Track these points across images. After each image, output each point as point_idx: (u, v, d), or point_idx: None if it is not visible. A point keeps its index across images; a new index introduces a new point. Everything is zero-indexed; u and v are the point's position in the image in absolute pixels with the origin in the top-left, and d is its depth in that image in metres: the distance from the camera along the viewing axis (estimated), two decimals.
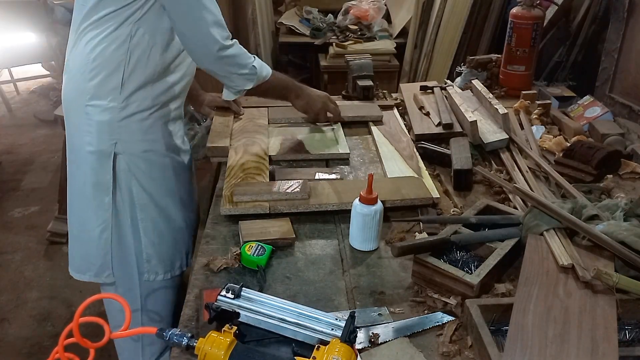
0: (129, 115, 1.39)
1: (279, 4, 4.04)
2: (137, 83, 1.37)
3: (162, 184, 1.49)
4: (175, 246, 1.55)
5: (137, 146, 1.43)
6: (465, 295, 1.02)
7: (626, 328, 0.94)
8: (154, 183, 1.47)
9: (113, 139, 1.39)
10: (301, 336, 0.84)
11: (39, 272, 2.74)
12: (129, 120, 1.39)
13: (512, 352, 0.85)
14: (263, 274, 1.12)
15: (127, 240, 1.47)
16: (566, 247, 1.06)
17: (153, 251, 1.49)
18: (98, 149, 1.40)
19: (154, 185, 1.47)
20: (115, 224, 1.45)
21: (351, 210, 1.20)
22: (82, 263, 1.51)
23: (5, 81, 4.87)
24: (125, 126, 1.40)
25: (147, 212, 1.47)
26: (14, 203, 3.36)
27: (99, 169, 1.41)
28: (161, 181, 1.49)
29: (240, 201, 1.32)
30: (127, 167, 1.42)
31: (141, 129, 1.42)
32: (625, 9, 1.99)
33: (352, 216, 1.20)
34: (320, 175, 1.50)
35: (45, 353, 2.19)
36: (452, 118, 1.76)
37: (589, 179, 1.46)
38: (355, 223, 1.20)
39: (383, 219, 1.21)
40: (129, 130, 1.40)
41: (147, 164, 1.45)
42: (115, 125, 1.38)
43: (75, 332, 0.82)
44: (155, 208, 1.48)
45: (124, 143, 1.40)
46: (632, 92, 1.98)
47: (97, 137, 1.39)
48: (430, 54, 3.10)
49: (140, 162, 1.44)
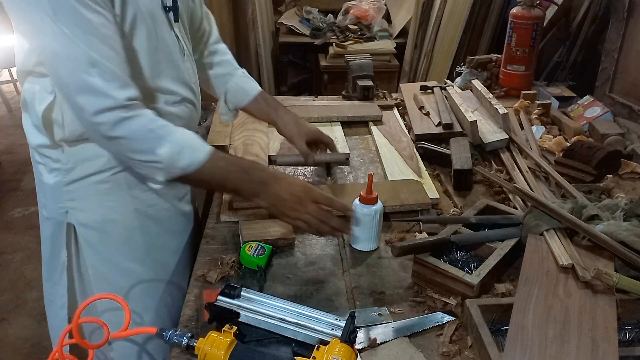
0: (81, 179, 1.10)
1: (279, 4, 4.04)
2: (80, 139, 1.06)
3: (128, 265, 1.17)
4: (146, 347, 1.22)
5: (95, 216, 1.13)
6: (465, 295, 1.02)
7: (626, 328, 0.94)
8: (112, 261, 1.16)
9: (62, 207, 1.12)
10: (301, 336, 0.84)
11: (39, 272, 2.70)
12: (80, 183, 1.10)
13: (512, 352, 0.85)
14: (263, 274, 1.12)
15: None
16: (566, 247, 1.06)
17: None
18: (51, 216, 1.15)
19: (114, 269, 1.16)
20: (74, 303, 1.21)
21: None
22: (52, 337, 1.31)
23: (5, 81, 4.87)
24: (77, 190, 1.11)
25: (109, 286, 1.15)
26: (14, 203, 3.35)
27: (54, 241, 1.17)
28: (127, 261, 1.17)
29: (240, 207, 1.32)
30: (82, 240, 1.14)
31: (96, 193, 1.11)
32: (625, 9, 1.99)
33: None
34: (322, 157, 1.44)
35: (45, 353, 2.19)
36: (452, 118, 1.76)
37: (589, 179, 1.46)
38: (356, 223, 1.19)
39: (383, 219, 1.21)
40: (82, 195, 1.11)
41: (105, 237, 1.14)
42: (63, 190, 1.11)
43: (74, 332, 0.82)
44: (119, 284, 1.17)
45: (75, 212, 1.12)
46: (632, 92, 1.98)
47: (48, 202, 1.14)
48: (430, 54, 3.10)
49: (102, 235, 1.14)
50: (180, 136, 1.02)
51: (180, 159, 1.01)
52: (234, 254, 1.19)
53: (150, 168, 1.02)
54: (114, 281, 1.18)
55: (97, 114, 0.95)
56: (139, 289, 1.21)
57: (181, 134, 1.02)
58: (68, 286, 1.19)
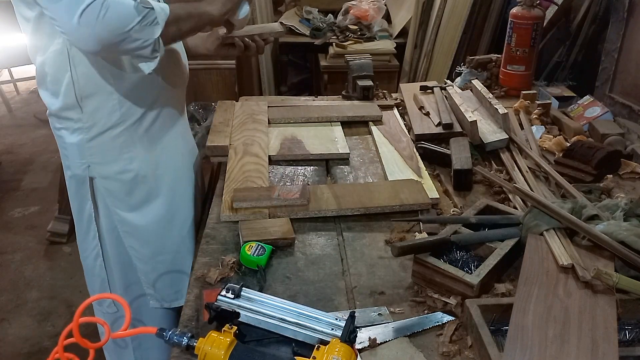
0: (99, 135, 1.27)
1: (279, 4, 4.04)
2: (97, 99, 1.24)
3: (148, 207, 1.37)
4: (179, 266, 1.45)
5: (113, 168, 1.31)
6: (465, 295, 1.02)
7: (626, 328, 0.94)
8: (136, 207, 1.35)
9: (84, 162, 1.30)
10: (301, 336, 0.84)
11: (39, 272, 2.74)
12: (100, 139, 1.28)
13: (512, 352, 0.85)
14: (263, 274, 1.12)
15: (122, 267, 1.39)
16: (566, 247, 1.06)
17: (154, 277, 1.41)
18: (74, 174, 1.32)
19: (137, 210, 1.35)
20: (106, 252, 1.39)
21: None
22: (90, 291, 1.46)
23: (5, 81, 4.87)
24: (97, 146, 1.28)
25: (135, 238, 1.37)
26: (14, 203, 3.35)
27: (79, 195, 1.34)
28: (146, 204, 1.36)
29: (240, 207, 1.32)
30: (106, 192, 1.32)
31: (114, 147, 1.29)
32: (625, 9, 1.99)
33: None
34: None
35: (45, 353, 2.19)
36: (452, 118, 1.76)
37: (589, 179, 1.46)
38: None
39: (383, 218, 1.21)
40: (102, 150, 1.29)
41: (125, 186, 1.33)
42: (85, 147, 1.28)
43: (75, 332, 0.82)
44: (143, 233, 1.37)
45: (97, 166, 1.30)
46: (632, 92, 1.98)
47: (72, 162, 1.31)
48: (430, 54, 3.10)
49: (117, 185, 1.32)
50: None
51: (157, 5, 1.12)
52: (234, 254, 1.19)
53: (146, 29, 1.10)
54: (138, 224, 1.36)
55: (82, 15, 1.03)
56: (160, 230, 1.40)
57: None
58: (99, 235, 1.37)
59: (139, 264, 1.41)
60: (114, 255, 1.40)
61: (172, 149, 1.42)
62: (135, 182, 1.34)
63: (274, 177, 1.51)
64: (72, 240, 2.94)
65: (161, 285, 1.44)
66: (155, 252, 1.42)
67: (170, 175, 1.43)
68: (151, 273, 1.42)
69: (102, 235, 1.38)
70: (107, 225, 1.37)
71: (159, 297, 1.46)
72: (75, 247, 2.89)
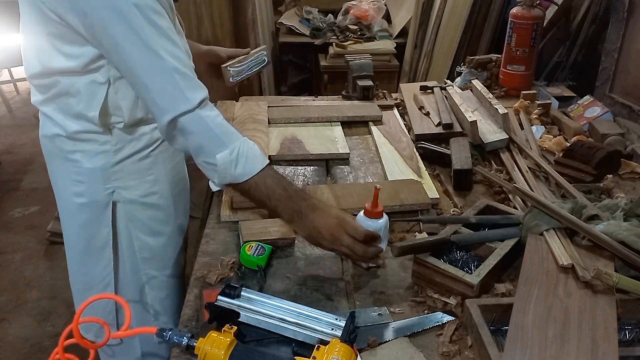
0: (128, 156, 1.20)
1: (279, 4, 4.04)
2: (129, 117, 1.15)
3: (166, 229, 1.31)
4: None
5: (139, 190, 1.24)
6: (465, 295, 1.02)
7: (626, 328, 0.94)
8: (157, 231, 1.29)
9: (109, 187, 1.21)
10: (301, 336, 0.84)
11: (39, 272, 2.74)
12: (128, 161, 1.20)
13: (512, 352, 0.85)
14: (263, 274, 1.12)
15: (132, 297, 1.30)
16: (566, 247, 1.06)
17: (161, 307, 1.35)
18: (91, 200, 1.21)
19: (157, 235, 1.29)
20: (118, 280, 1.29)
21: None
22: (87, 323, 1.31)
23: (5, 81, 4.86)
24: (123, 169, 1.20)
25: (151, 264, 1.30)
26: (14, 203, 3.35)
27: (93, 223, 1.23)
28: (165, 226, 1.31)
29: (240, 207, 1.32)
30: (127, 217, 1.24)
31: (139, 169, 1.22)
32: (625, 9, 1.99)
33: None
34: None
35: (45, 353, 2.19)
36: (452, 118, 1.76)
37: (589, 179, 1.46)
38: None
39: None
40: (129, 172, 1.21)
41: (149, 209, 1.27)
42: (110, 171, 1.19)
43: (75, 332, 0.82)
44: (163, 258, 1.32)
45: (121, 190, 1.22)
46: (632, 92, 1.98)
47: (89, 187, 1.20)
48: (430, 54, 3.10)
49: (143, 209, 1.25)
50: (240, 145, 1.07)
51: (234, 167, 1.06)
52: (234, 254, 1.19)
53: (207, 168, 1.09)
54: (156, 248, 1.30)
55: (179, 116, 1.03)
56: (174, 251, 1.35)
57: (242, 143, 1.08)
58: (113, 265, 1.27)
59: (153, 291, 1.34)
60: (125, 284, 1.32)
61: (181, 163, 1.37)
62: (157, 205, 1.28)
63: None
64: None
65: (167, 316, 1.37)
66: (169, 275, 1.36)
67: (184, 194, 1.39)
68: (165, 300, 1.36)
69: (117, 263, 1.29)
70: (127, 251, 1.28)
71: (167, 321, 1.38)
72: None
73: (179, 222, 1.36)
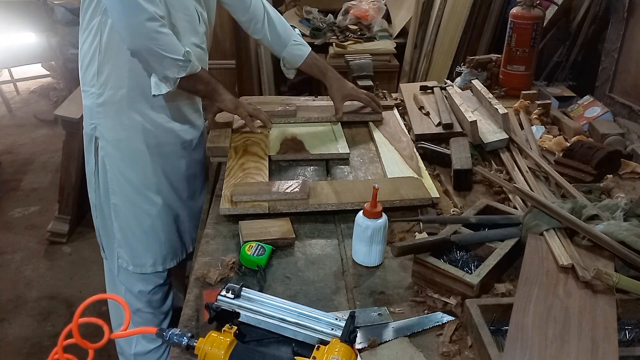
0: (105, 102, 1.47)
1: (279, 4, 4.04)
2: (111, 70, 1.44)
3: (137, 176, 1.54)
4: (145, 244, 1.60)
5: (111, 134, 1.50)
6: (465, 295, 1.02)
7: (626, 328, 0.94)
8: (128, 173, 1.53)
9: (92, 123, 1.51)
10: (301, 336, 0.84)
11: (39, 272, 2.74)
12: (106, 106, 1.48)
13: (512, 352, 0.85)
14: (263, 274, 1.12)
15: (108, 222, 1.59)
16: (566, 247, 1.06)
17: (122, 238, 1.59)
18: (85, 131, 1.54)
19: (128, 175, 1.53)
20: (99, 205, 1.58)
21: (354, 225, 1.15)
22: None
23: (5, 81, 4.86)
24: (103, 112, 1.48)
25: (118, 197, 1.55)
26: (14, 203, 3.35)
27: (87, 150, 1.55)
28: (137, 173, 1.54)
29: (240, 201, 1.32)
30: (105, 152, 1.51)
31: (116, 115, 1.48)
32: (625, 9, 1.99)
33: (355, 231, 1.15)
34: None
35: (45, 353, 2.19)
36: (452, 118, 1.76)
37: (589, 179, 1.46)
38: (359, 238, 1.14)
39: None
40: (106, 115, 1.49)
41: (121, 153, 1.51)
42: (95, 110, 1.49)
43: (74, 332, 0.82)
44: (127, 197, 1.55)
45: (101, 128, 1.50)
46: (632, 92, 1.98)
47: (85, 120, 1.53)
48: (430, 54, 3.10)
49: (114, 150, 1.51)
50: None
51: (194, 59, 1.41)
52: (234, 254, 1.19)
53: (177, 66, 1.37)
54: (127, 193, 1.55)
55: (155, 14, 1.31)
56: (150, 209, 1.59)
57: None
58: (95, 188, 1.57)
59: (115, 221, 1.58)
60: (100, 210, 1.59)
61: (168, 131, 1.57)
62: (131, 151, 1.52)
63: (274, 177, 1.51)
64: (72, 240, 2.95)
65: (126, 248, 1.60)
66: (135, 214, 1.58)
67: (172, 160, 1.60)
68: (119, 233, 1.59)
69: (98, 188, 1.57)
70: (102, 180, 1.55)
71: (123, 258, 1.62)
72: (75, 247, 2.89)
73: (156, 180, 1.57)
